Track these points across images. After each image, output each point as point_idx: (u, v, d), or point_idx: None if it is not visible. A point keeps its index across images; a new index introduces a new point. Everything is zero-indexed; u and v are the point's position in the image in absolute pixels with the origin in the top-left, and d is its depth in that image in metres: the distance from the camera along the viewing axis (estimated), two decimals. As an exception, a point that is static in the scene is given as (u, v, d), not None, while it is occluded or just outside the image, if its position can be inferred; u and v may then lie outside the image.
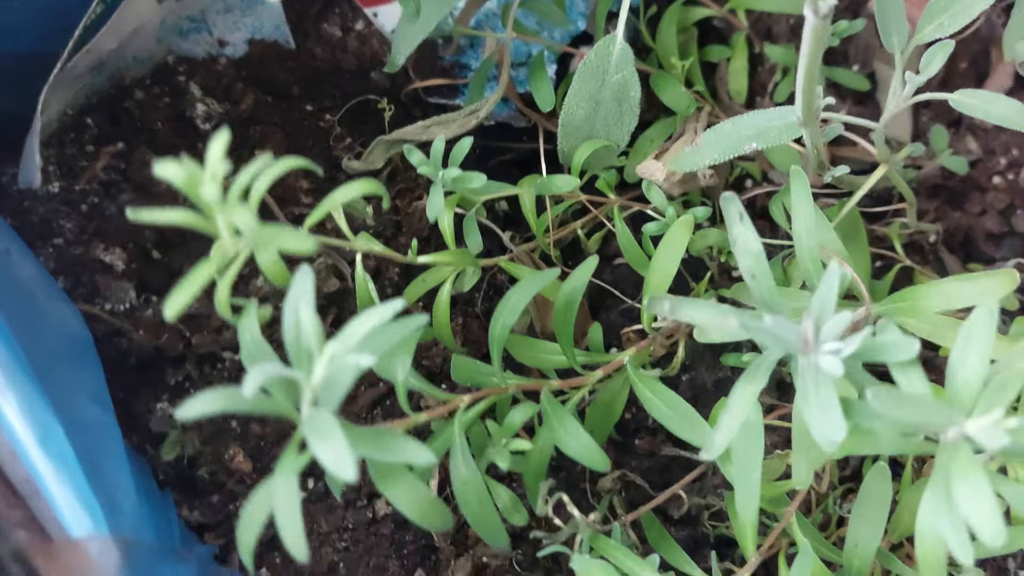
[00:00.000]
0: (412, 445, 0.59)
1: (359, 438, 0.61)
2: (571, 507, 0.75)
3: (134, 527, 0.68)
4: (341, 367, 0.55)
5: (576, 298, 0.84)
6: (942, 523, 0.56)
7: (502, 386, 0.83)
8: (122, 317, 0.98)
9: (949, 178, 1.17)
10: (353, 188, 0.71)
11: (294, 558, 0.92)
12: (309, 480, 0.99)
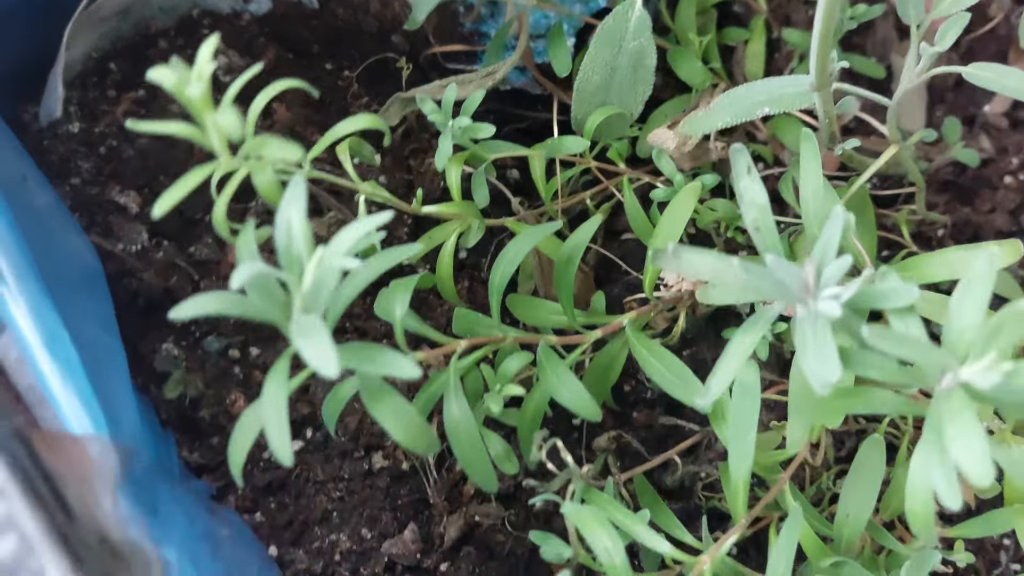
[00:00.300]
0: (398, 357, 0.60)
1: (348, 351, 0.62)
2: (564, 453, 0.75)
3: (134, 443, 0.69)
4: (329, 270, 0.56)
5: (577, 255, 0.84)
6: (933, 468, 0.57)
7: (500, 336, 0.83)
8: (134, 257, 0.99)
9: (960, 175, 1.17)
10: (357, 121, 0.72)
11: (287, 504, 0.93)
12: (307, 430, 1.00)
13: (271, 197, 0.67)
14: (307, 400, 0.99)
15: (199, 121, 0.63)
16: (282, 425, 0.60)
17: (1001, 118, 1.17)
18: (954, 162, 1.17)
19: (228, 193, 0.68)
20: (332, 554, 0.95)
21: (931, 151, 1.15)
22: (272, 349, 1.01)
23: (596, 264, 1.09)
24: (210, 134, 0.62)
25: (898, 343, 0.54)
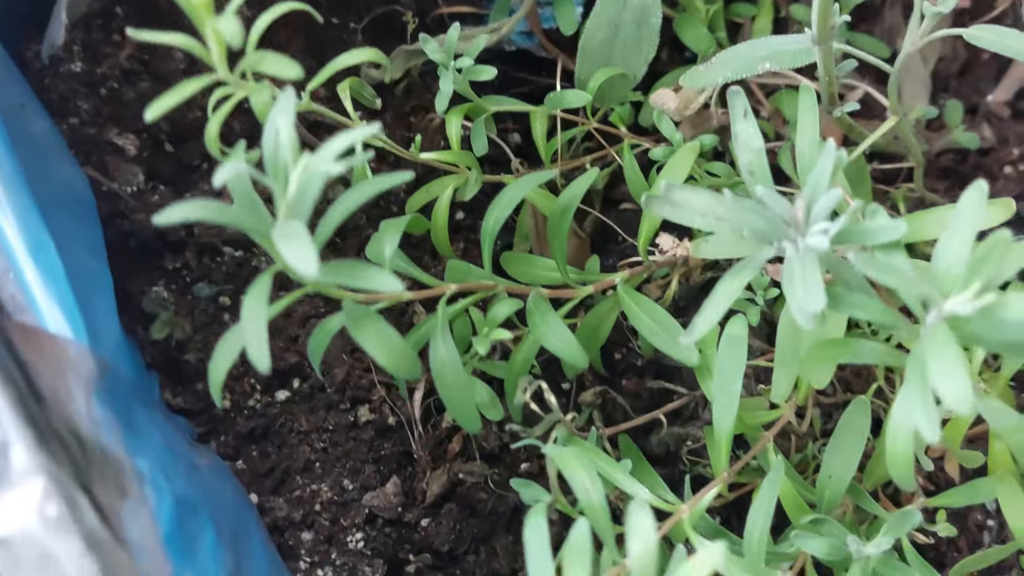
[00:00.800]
0: (381, 273, 0.59)
1: (332, 267, 0.62)
2: (548, 394, 0.75)
3: (115, 360, 0.69)
4: (313, 175, 0.56)
5: (571, 207, 0.84)
6: (914, 405, 0.56)
7: (491, 283, 0.83)
8: (129, 198, 0.99)
9: (961, 162, 1.17)
10: (358, 54, 0.72)
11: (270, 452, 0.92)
12: (294, 380, 0.99)
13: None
14: (296, 350, 0.99)
15: (199, 28, 0.62)
16: (261, 336, 0.59)
17: (1003, 107, 1.17)
18: (955, 150, 1.17)
19: (224, 112, 0.68)
20: (312, 503, 0.95)
21: (933, 137, 1.15)
22: (263, 298, 1.01)
23: (593, 232, 1.09)
24: (209, 43, 0.62)
25: (884, 270, 0.54)
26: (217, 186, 0.58)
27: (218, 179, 0.57)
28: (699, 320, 0.67)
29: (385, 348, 0.65)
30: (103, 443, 0.59)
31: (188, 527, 0.64)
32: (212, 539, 0.66)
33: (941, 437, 0.83)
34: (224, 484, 0.79)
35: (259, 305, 0.60)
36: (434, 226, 0.90)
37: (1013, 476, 0.80)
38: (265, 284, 0.62)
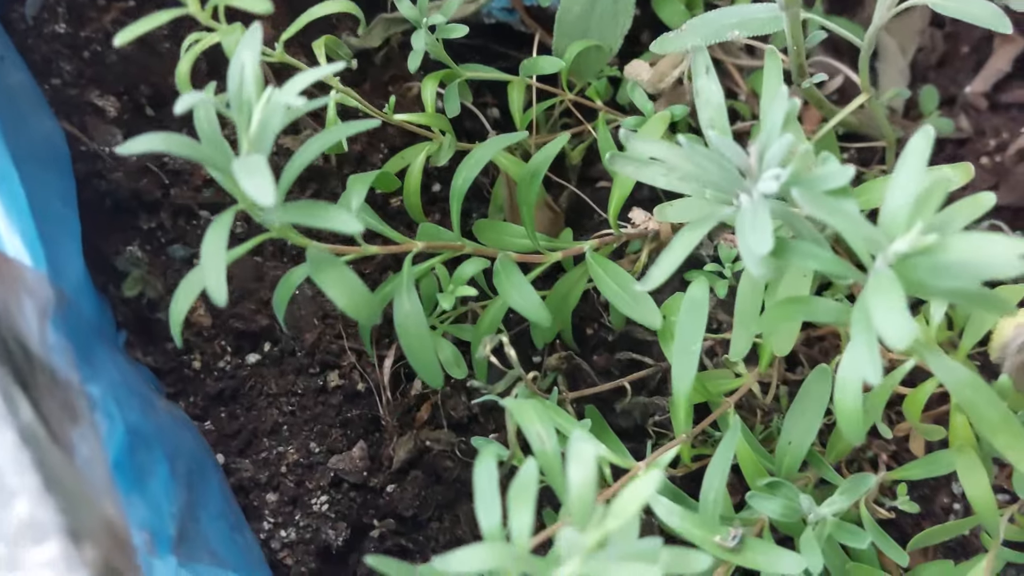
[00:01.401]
0: (340, 212, 0.60)
1: (294, 207, 0.62)
2: (508, 347, 0.75)
3: (76, 297, 0.69)
4: (275, 109, 0.56)
5: (541, 170, 0.85)
6: (858, 346, 0.57)
7: (459, 244, 0.83)
8: (107, 158, 1.00)
9: (938, 153, 1.18)
10: (329, 5, 0.73)
11: (238, 414, 0.92)
12: (265, 343, 1.00)
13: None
14: (267, 313, 1.00)
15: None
16: (220, 271, 0.60)
17: (981, 98, 1.18)
18: (935, 140, 1.17)
19: (195, 51, 0.68)
20: (278, 465, 0.95)
21: (909, 125, 1.15)
22: (238, 262, 1.01)
23: (569, 208, 1.09)
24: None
25: (829, 210, 0.54)
26: (178, 113, 0.59)
27: (179, 107, 0.57)
28: (655, 270, 0.67)
29: (345, 292, 0.66)
30: (54, 366, 0.59)
31: (140, 458, 0.64)
32: (165, 474, 0.66)
33: (905, 413, 0.84)
34: (183, 430, 0.80)
35: (219, 240, 0.61)
36: (406, 191, 0.91)
37: (972, 447, 0.80)
38: (227, 220, 0.63)
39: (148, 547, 0.58)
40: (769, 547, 0.70)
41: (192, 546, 0.64)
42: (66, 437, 0.55)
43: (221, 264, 0.59)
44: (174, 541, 0.61)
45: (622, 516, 0.51)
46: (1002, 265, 0.54)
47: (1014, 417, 0.65)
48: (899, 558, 0.79)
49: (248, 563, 0.70)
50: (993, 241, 0.52)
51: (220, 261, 0.59)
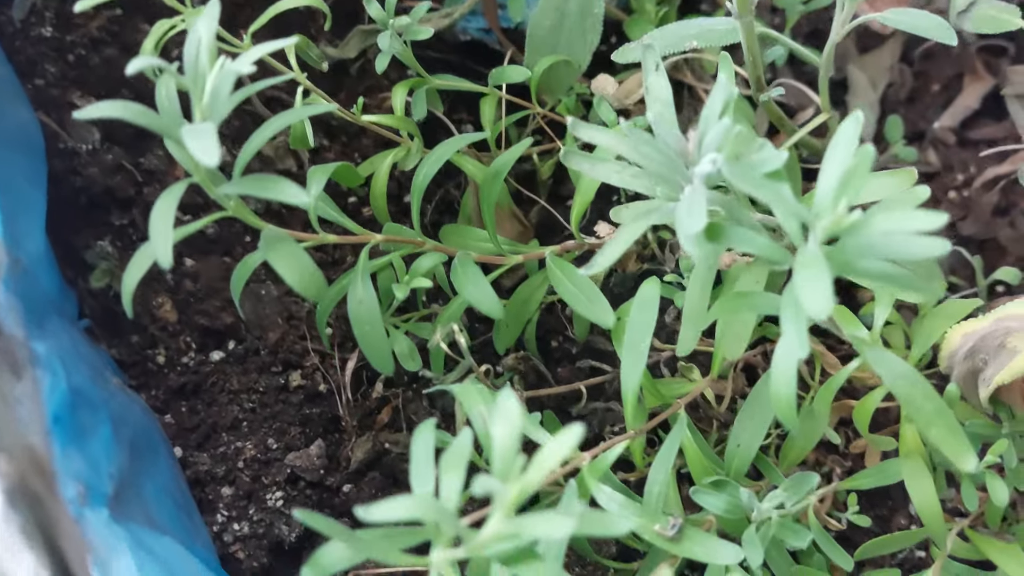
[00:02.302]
0: (289, 185, 0.61)
1: (244, 181, 0.64)
2: (459, 335, 0.76)
3: (33, 269, 0.70)
4: (227, 76, 0.58)
5: (503, 171, 0.86)
6: (787, 324, 0.58)
7: (419, 240, 0.85)
8: (83, 155, 1.02)
9: (906, 186, 1.20)
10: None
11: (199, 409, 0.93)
12: (230, 342, 1.01)
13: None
14: (232, 312, 1.01)
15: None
16: (167, 237, 0.61)
17: (949, 133, 1.20)
18: (900, 174, 1.19)
19: (159, 31, 0.71)
20: (236, 460, 0.95)
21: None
22: (206, 262, 1.03)
23: (539, 223, 1.11)
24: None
25: (758, 185, 0.56)
26: (129, 74, 0.60)
27: (130, 68, 0.59)
28: (599, 257, 0.69)
29: (295, 269, 0.67)
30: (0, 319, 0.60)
31: (82, 418, 0.65)
32: (107, 437, 0.67)
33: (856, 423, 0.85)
34: (134, 407, 0.80)
35: (168, 208, 0.62)
36: (373, 194, 0.93)
37: (920, 456, 0.81)
38: (178, 190, 0.64)
39: (82, 498, 0.59)
40: (708, 537, 0.71)
41: (130, 509, 0.65)
42: (6, 385, 0.56)
43: (169, 232, 0.61)
44: (110, 499, 0.62)
45: (543, 468, 0.51)
46: (925, 245, 0.55)
47: (949, 411, 0.65)
48: (844, 563, 0.80)
49: (192, 541, 0.70)
50: (915, 215, 0.53)
51: (168, 227, 0.61)
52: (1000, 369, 0.75)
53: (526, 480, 0.51)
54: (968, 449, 0.65)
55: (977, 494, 0.84)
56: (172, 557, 0.62)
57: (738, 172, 0.55)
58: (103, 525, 0.58)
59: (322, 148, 1.08)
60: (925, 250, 0.55)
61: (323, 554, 0.61)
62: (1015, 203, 1.16)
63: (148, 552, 0.59)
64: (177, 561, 0.62)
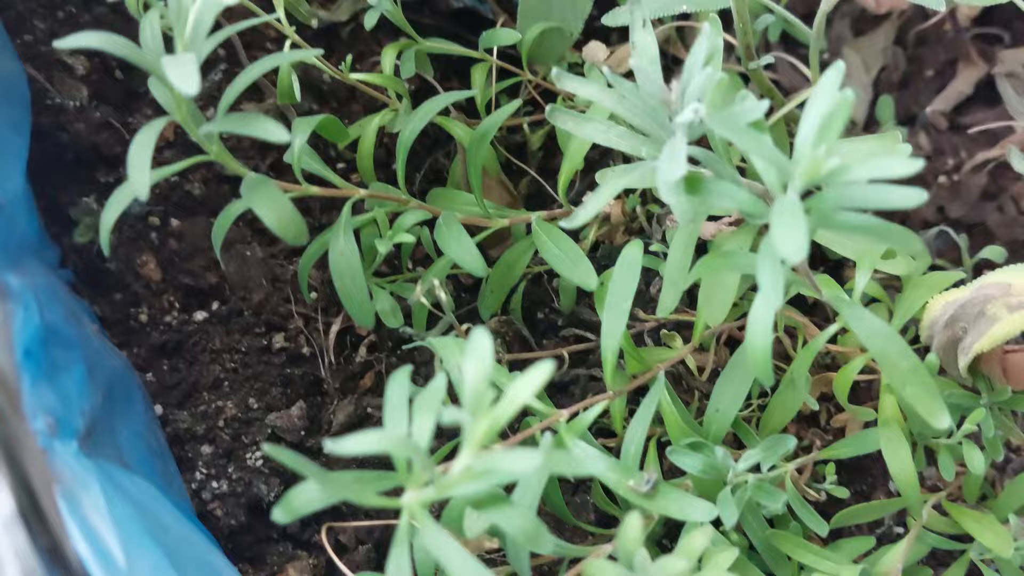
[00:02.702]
0: (270, 123, 0.61)
1: (224, 119, 0.64)
2: (439, 290, 0.76)
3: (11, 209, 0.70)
4: (210, 5, 0.58)
5: (489, 133, 0.86)
6: (763, 273, 0.58)
7: (403, 198, 0.85)
8: (71, 111, 1.01)
9: (896, 169, 1.20)
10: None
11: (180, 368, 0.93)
12: (214, 302, 1.01)
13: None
14: (216, 272, 1.01)
15: None
16: (144, 167, 0.61)
17: (941, 118, 1.20)
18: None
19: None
20: (216, 419, 0.95)
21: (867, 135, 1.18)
22: (192, 222, 1.03)
23: (528, 195, 1.11)
24: None
25: (738, 132, 0.56)
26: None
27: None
28: (581, 211, 0.68)
29: (274, 211, 0.67)
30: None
31: (55, 354, 0.64)
32: (80, 377, 0.66)
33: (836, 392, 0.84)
34: (110, 352, 0.80)
35: (148, 141, 0.62)
36: (360, 154, 0.92)
37: (898, 424, 0.81)
38: (158, 125, 0.64)
39: (51, 430, 0.58)
40: (682, 495, 0.70)
41: (101, 446, 0.64)
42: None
43: (146, 162, 0.61)
44: (80, 434, 0.61)
45: (512, 403, 0.51)
46: (903, 195, 0.55)
47: (924, 369, 0.65)
48: (819, 528, 0.79)
49: (167, 489, 0.70)
50: (892, 162, 0.53)
51: (146, 159, 0.61)
52: (980, 337, 0.75)
53: (495, 414, 0.51)
54: (942, 407, 0.65)
55: (955, 467, 0.83)
56: (144, 496, 0.62)
57: (719, 119, 0.55)
58: (72, 457, 0.58)
59: (311, 112, 1.08)
60: (903, 200, 0.55)
61: (295, 495, 0.61)
62: (1004, 188, 1.17)
63: (118, 488, 0.59)
64: (149, 500, 0.62)
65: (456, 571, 0.55)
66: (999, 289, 0.74)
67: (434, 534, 0.57)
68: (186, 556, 0.60)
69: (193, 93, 0.56)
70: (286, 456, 0.56)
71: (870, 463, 1.02)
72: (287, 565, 0.92)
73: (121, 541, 0.55)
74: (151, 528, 0.58)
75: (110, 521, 0.55)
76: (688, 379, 0.96)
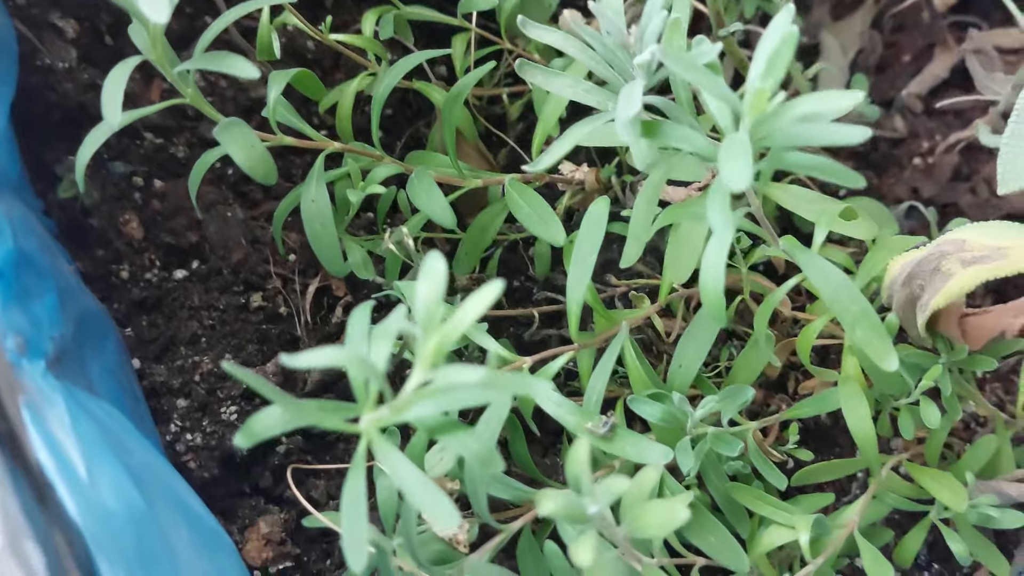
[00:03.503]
0: (239, 60, 0.63)
1: (198, 57, 0.66)
2: (408, 238, 0.78)
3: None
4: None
5: (463, 93, 0.88)
6: (712, 208, 0.59)
7: (378, 154, 0.87)
8: (60, 72, 1.03)
9: (872, 151, 1.22)
10: None
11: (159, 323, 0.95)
12: (193, 261, 1.02)
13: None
14: (198, 232, 1.02)
15: None
16: (117, 96, 0.63)
17: (916, 101, 1.22)
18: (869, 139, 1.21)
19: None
20: (192, 373, 0.97)
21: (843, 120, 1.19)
22: (175, 183, 1.04)
23: (507, 165, 1.13)
24: None
25: (690, 68, 0.57)
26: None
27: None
28: (544, 156, 0.70)
29: (245, 149, 0.69)
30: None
31: (27, 280, 0.66)
32: (52, 304, 0.68)
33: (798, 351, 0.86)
34: (84, 293, 0.82)
35: (122, 75, 0.64)
36: (339, 115, 0.94)
37: (858, 383, 0.82)
38: (132, 63, 0.66)
39: (20, 349, 0.60)
40: (639, 438, 0.72)
41: (71, 375, 0.66)
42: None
43: (119, 93, 0.62)
44: (49, 358, 0.63)
45: (463, 321, 0.53)
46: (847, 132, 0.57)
47: (874, 313, 0.67)
48: (778, 482, 0.81)
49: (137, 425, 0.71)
50: (835, 95, 0.55)
51: (119, 90, 0.62)
52: (935, 294, 0.76)
53: (445, 329, 0.53)
54: (890, 349, 0.67)
55: (915, 427, 0.85)
56: (110, 421, 0.63)
57: (676, 59, 0.57)
58: (39, 375, 0.59)
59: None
60: (846, 136, 0.57)
61: (256, 419, 0.62)
62: (977, 169, 1.18)
63: (84, 409, 0.60)
64: (114, 425, 0.63)
65: (409, 491, 0.56)
66: (954, 245, 0.76)
67: (390, 457, 0.58)
68: (149, 479, 0.61)
69: (163, 21, 0.58)
70: (247, 376, 0.57)
71: (837, 433, 1.03)
72: (258, 519, 0.93)
73: (83, 455, 0.56)
74: (115, 449, 0.59)
75: (73, 435, 0.57)
76: (657, 344, 0.98)
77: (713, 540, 0.76)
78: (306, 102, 1.09)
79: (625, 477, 0.55)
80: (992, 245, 0.73)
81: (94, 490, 0.55)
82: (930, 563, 0.98)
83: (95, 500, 0.55)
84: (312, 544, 0.95)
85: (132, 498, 0.57)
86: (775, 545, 0.77)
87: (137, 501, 0.57)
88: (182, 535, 0.60)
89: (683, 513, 0.57)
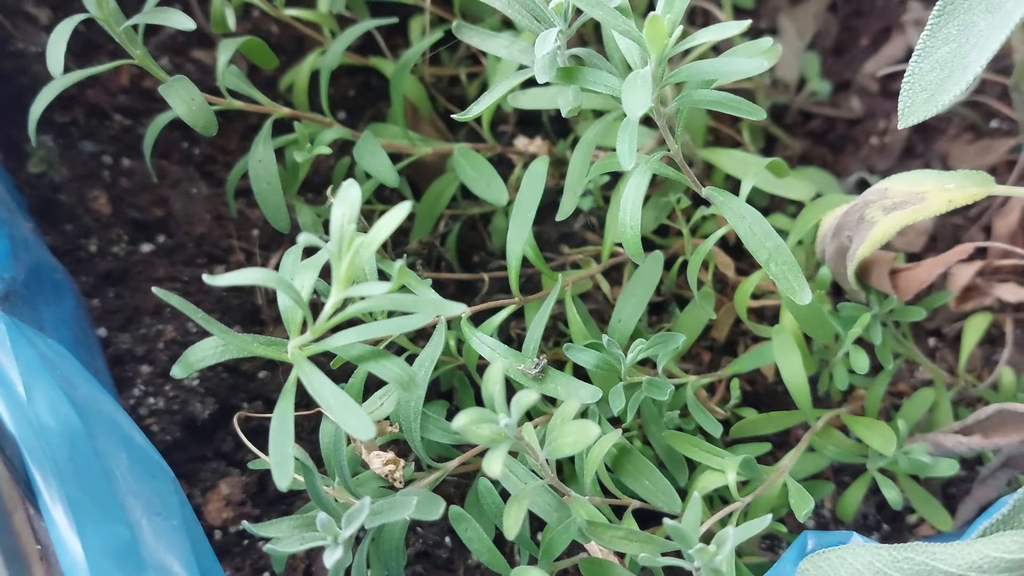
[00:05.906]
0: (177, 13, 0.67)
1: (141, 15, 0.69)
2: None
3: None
4: None
5: (410, 61, 0.91)
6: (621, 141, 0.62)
7: (327, 121, 0.90)
8: (32, 56, 1.07)
9: (830, 131, 1.25)
10: None
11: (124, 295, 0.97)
12: (160, 236, 1.05)
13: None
14: (163, 208, 1.05)
15: None
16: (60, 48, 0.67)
17: (872, 81, 1.25)
18: (826, 117, 1.24)
19: None
20: (156, 341, 1.00)
21: (797, 99, 1.23)
22: (141, 162, 1.08)
23: (465, 141, 1.16)
24: None
25: (606, 12, 0.60)
26: None
27: None
28: (474, 105, 0.73)
29: (186, 102, 0.72)
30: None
31: (-23, 224, 0.69)
32: (5, 249, 0.71)
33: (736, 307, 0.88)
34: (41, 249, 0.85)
35: (65, 29, 0.67)
36: (296, 89, 0.98)
37: (793, 335, 0.84)
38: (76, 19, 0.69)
39: (-34, 283, 0.63)
40: (568, 378, 0.74)
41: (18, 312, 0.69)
42: None
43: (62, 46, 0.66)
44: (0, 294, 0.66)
45: (375, 240, 0.56)
46: (748, 64, 0.60)
47: (787, 249, 0.69)
48: (713, 429, 0.83)
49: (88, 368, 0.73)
50: (729, 25, 0.58)
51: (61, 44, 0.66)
52: (862, 243, 0.79)
53: (356, 245, 0.56)
54: (803, 283, 0.69)
55: (848, 379, 0.87)
56: (55, 356, 0.66)
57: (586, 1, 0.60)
58: (-15, 306, 0.62)
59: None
60: (748, 68, 0.60)
61: (192, 350, 0.65)
62: (931, 147, 1.21)
63: (27, 339, 0.63)
64: (60, 360, 0.66)
65: (327, 406, 0.59)
66: (877, 195, 0.78)
67: (315, 379, 0.61)
68: (91, 410, 0.64)
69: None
70: (181, 303, 0.60)
71: (789, 400, 1.05)
72: (220, 482, 0.96)
73: (22, 375, 0.59)
74: (56, 377, 0.62)
75: (13, 359, 0.60)
76: (607, 311, 1.00)
77: (647, 483, 0.78)
78: (271, 85, 1.13)
79: (533, 392, 0.58)
80: (911, 191, 0.75)
81: (31, 405, 0.58)
82: (879, 523, 1.00)
83: (31, 415, 0.58)
84: (272, 506, 0.97)
85: (68, 417, 0.59)
86: (709, 488, 0.79)
87: (74, 420, 0.59)
88: (121, 459, 0.63)
89: (594, 430, 0.59)
